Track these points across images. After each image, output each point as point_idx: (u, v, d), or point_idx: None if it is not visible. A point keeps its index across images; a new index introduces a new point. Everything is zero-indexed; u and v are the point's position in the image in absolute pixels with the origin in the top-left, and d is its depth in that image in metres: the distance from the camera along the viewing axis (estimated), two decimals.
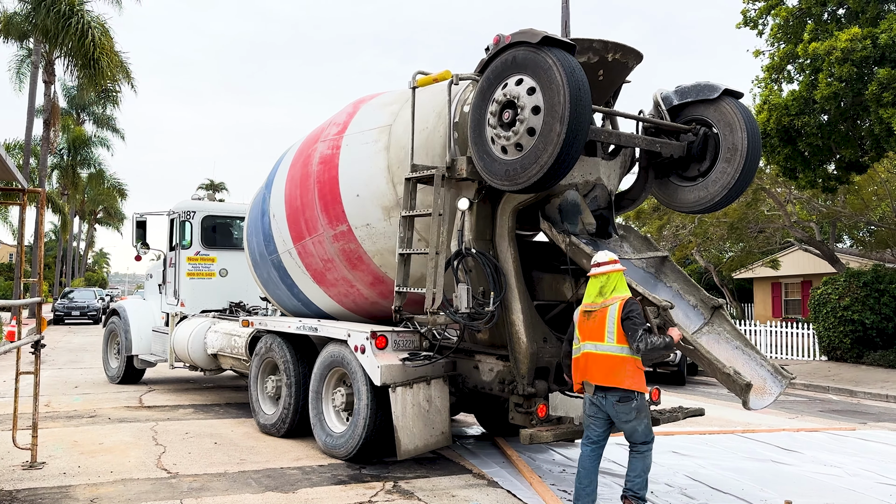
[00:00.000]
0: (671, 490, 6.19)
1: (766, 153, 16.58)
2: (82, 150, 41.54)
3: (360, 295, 7.57)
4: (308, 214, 7.54)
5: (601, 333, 5.03)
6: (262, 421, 8.12)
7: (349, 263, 7.31)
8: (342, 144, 7.23)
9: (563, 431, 5.72)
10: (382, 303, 7.43)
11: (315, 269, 7.75)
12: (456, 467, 6.77)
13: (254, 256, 8.99)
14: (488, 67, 5.64)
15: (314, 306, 8.23)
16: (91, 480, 6.07)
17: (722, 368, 5.24)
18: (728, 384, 5.27)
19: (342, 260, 7.33)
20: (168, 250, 11.68)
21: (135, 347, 11.59)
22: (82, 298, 33.12)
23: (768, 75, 17.30)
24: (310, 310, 8.35)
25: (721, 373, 5.25)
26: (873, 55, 14.24)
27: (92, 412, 9.25)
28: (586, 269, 5.52)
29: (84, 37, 23.00)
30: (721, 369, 5.24)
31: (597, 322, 5.07)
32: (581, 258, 5.71)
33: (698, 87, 6.36)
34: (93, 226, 60.40)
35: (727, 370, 5.23)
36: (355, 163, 7.03)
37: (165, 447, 7.33)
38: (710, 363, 5.30)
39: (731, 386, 5.25)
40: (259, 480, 6.16)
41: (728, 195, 6.24)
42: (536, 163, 5.22)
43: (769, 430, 9.40)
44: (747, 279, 32.38)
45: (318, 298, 8.06)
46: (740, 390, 5.20)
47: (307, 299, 8.23)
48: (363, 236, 7.03)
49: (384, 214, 6.79)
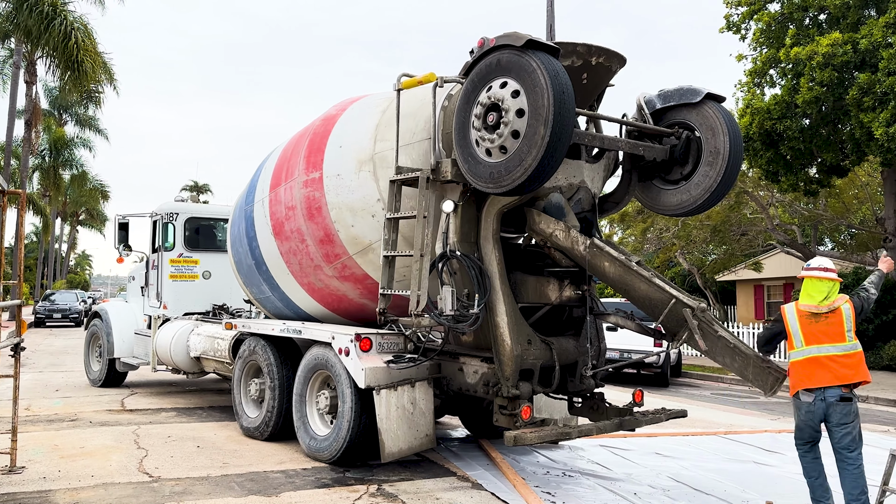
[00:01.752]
0: (654, 491, 6.22)
1: (748, 157, 16.74)
2: (64, 152, 41.15)
3: (308, 254, 7.43)
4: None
5: (841, 334, 5.14)
6: (245, 424, 8.07)
7: (307, 212, 7.26)
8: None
9: (547, 433, 5.73)
10: (327, 270, 7.32)
11: (277, 220, 7.77)
12: (440, 470, 6.76)
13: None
14: (473, 70, 5.65)
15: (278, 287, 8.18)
16: (71, 485, 6.01)
17: (760, 362, 5.26)
18: (760, 377, 5.24)
19: (303, 208, 7.30)
20: (151, 252, 11.60)
21: (117, 350, 11.48)
22: (64, 301, 32.84)
23: (751, 79, 17.47)
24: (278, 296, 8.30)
25: (756, 366, 5.24)
26: (854, 60, 14.42)
27: (73, 416, 9.15)
28: (603, 272, 5.69)
29: (67, 38, 22.80)
30: (759, 362, 5.26)
31: (832, 324, 5.16)
32: (602, 261, 5.75)
33: (681, 91, 6.40)
34: (75, 227, 59.87)
35: (765, 363, 5.25)
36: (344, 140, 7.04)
37: (147, 451, 7.27)
38: (745, 357, 5.29)
39: (763, 378, 5.22)
40: (242, 484, 6.12)
41: (710, 198, 6.28)
42: (521, 165, 5.24)
43: (751, 431, 9.47)
44: (730, 281, 32.60)
45: (273, 257, 8.01)
46: (774, 381, 5.18)
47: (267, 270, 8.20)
48: (330, 186, 7.01)
49: (356, 167, 6.80)
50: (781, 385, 5.25)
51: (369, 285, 7.13)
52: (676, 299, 5.47)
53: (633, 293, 5.74)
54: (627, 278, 5.73)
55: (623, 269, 5.73)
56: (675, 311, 5.50)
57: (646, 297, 5.67)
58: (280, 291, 8.19)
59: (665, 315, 5.54)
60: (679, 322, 5.54)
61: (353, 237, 6.96)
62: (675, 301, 5.46)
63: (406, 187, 6.32)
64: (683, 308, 5.44)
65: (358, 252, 7.00)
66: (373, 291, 7.03)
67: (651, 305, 5.67)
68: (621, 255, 5.81)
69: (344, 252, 7.07)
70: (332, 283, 7.41)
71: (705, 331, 5.41)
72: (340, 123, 7.26)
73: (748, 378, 5.35)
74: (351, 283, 7.28)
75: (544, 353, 6.09)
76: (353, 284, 7.28)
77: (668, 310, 5.52)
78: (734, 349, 5.36)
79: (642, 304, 5.75)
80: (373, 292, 7.03)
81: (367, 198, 6.75)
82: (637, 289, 5.70)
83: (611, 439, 8.28)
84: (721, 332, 5.41)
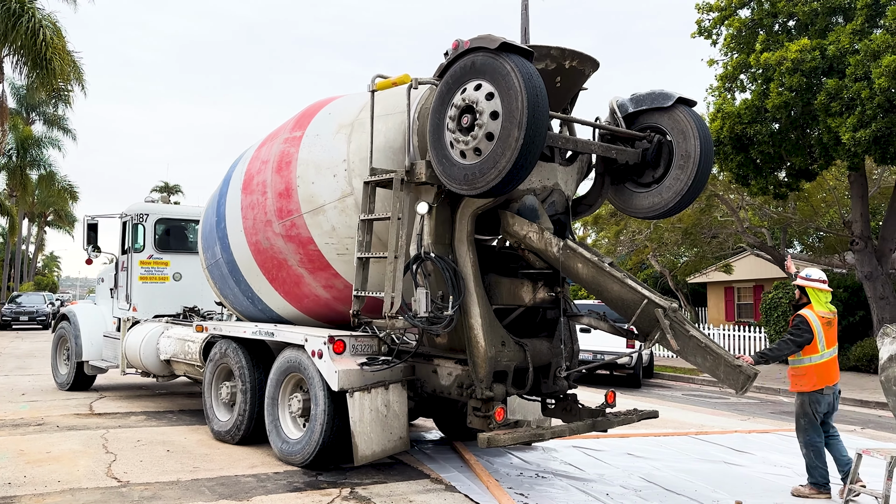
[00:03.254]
0: (626, 492, 6.27)
1: (719, 160, 16.95)
2: (32, 151, 40.41)
3: (265, 208, 7.42)
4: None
5: (836, 339, 6.32)
6: (216, 428, 7.98)
7: (277, 166, 7.32)
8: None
9: (520, 435, 5.74)
10: (276, 226, 7.28)
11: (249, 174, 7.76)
12: (414, 472, 6.75)
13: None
14: (447, 72, 5.66)
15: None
16: (37, 490, 5.89)
17: (732, 361, 5.33)
18: (732, 376, 5.32)
19: (275, 162, 7.37)
20: (120, 254, 11.42)
21: (85, 353, 11.29)
22: (31, 303, 32.29)
23: (722, 84, 17.69)
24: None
25: (727, 364, 5.32)
26: (822, 66, 14.67)
27: (39, 420, 8.98)
28: (577, 273, 5.76)
29: (35, 36, 22.39)
30: (731, 361, 5.33)
31: (834, 330, 6.30)
32: (576, 262, 5.77)
33: (653, 95, 6.46)
34: (43, 228, 58.78)
35: (737, 362, 5.32)
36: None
37: (116, 455, 7.16)
38: (716, 356, 5.37)
39: (734, 377, 5.30)
40: (213, 488, 6.05)
41: (681, 201, 6.35)
42: (495, 167, 5.25)
43: (722, 431, 9.58)
44: (701, 283, 32.98)
45: (234, 213, 7.97)
46: (746, 380, 5.27)
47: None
48: (306, 144, 7.12)
49: (336, 129, 6.93)
50: (752, 385, 5.34)
51: (311, 253, 7.07)
52: (648, 300, 5.53)
53: (606, 294, 5.78)
54: (600, 279, 5.76)
55: (596, 270, 5.77)
56: (648, 312, 5.56)
57: (618, 297, 5.71)
58: (229, 252, 8.15)
59: (637, 315, 5.59)
60: (651, 322, 5.59)
61: (310, 195, 6.91)
62: (648, 301, 5.52)
63: (380, 189, 6.32)
64: (655, 308, 5.50)
65: (309, 211, 6.94)
66: (313, 262, 7.05)
67: (624, 306, 5.71)
68: (594, 257, 5.85)
69: (297, 209, 7.04)
70: (277, 242, 7.33)
71: (677, 330, 5.47)
72: (338, 101, 7.41)
73: (719, 377, 5.41)
74: (294, 245, 7.18)
75: (518, 354, 6.11)
76: (295, 247, 7.19)
77: (641, 310, 5.56)
78: (705, 349, 5.42)
79: (615, 305, 5.79)
80: (313, 262, 7.06)
81: (335, 158, 6.78)
82: (610, 290, 5.74)
83: (584, 440, 8.33)
84: (692, 332, 5.47)
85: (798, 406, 6.36)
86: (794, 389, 6.37)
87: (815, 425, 6.28)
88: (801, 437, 6.36)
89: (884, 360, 5.51)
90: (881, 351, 5.57)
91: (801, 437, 6.35)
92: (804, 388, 6.26)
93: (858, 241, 17.57)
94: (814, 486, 6.29)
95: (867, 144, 13.87)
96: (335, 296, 7.28)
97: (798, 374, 6.29)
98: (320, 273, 7.16)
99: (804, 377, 6.26)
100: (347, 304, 6.95)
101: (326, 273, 7.11)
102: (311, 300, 7.53)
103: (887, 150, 14.11)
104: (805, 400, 6.28)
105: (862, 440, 9.48)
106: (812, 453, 6.29)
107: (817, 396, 6.23)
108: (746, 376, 5.26)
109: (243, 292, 8.26)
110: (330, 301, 7.39)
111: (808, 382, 6.25)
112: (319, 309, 7.60)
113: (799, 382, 6.30)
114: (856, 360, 17.50)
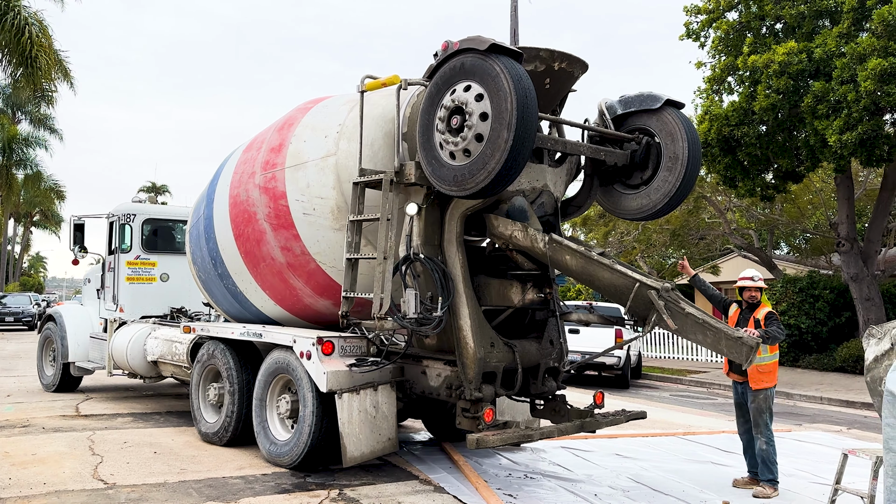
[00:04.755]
0: (614, 492, 6.28)
1: (706, 162, 17.05)
2: (18, 151, 40.07)
3: (254, 162, 7.52)
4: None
5: None
6: (203, 429, 7.94)
7: (280, 125, 7.49)
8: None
9: (509, 436, 5.74)
10: (257, 177, 7.35)
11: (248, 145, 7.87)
12: (403, 473, 6.74)
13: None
14: (437, 73, 5.66)
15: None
16: (23, 493, 5.84)
17: (732, 333, 5.24)
18: (734, 348, 5.24)
19: (277, 125, 7.54)
20: (107, 254, 11.35)
21: (71, 354, 11.20)
22: (16, 304, 32.02)
23: (710, 86, 17.79)
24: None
25: (728, 338, 5.24)
26: (809, 69, 14.78)
27: (25, 422, 8.91)
28: (566, 266, 5.73)
29: (20, 34, 22.21)
30: (731, 334, 5.24)
31: None
32: (563, 255, 5.75)
33: (641, 97, 6.49)
34: (29, 228, 58.33)
35: (737, 334, 5.24)
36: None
37: (103, 457, 7.11)
38: (716, 331, 5.28)
39: (737, 349, 5.23)
40: (200, 490, 6.02)
41: (669, 203, 6.37)
42: (484, 168, 5.26)
43: (709, 432, 9.63)
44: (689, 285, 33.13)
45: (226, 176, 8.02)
46: (749, 350, 5.19)
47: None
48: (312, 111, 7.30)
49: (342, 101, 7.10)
50: (756, 355, 5.25)
51: (280, 210, 7.07)
52: (640, 283, 5.44)
53: (598, 283, 5.72)
54: (590, 269, 5.72)
55: (585, 260, 5.72)
56: (641, 295, 5.45)
57: (610, 284, 5.65)
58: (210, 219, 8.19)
59: (632, 299, 5.48)
60: (647, 305, 5.48)
61: (298, 151, 6.98)
62: (640, 284, 5.43)
63: (370, 189, 6.31)
64: (648, 290, 5.41)
65: (292, 166, 6.99)
66: (279, 217, 7.07)
67: (617, 292, 5.63)
68: (581, 247, 5.83)
69: (282, 163, 7.12)
70: (253, 194, 7.37)
71: (673, 310, 5.37)
72: (343, 95, 7.54)
73: (722, 351, 5.31)
74: (267, 197, 7.21)
75: (507, 355, 6.11)
76: (267, 200, 7.21)
77: (634, 294, 5.46)
78: (704, 324, 5.30)
79: (608, 292, 5.74)
80: (279, 218, 7.08)
81: (331, 122, 6.90)
82: (601, 278, 5.68)
83: (572, 441, 8.35)
84: (688, 310, 5.35)
85: (762, 401, 6.52)
86: (760, 386, 6.52)
87: (772, 419, 6.60)
88: (762, 433, 6.49)
89: (869, 361, 5.54)
90: (867, 352, 5.60)
91: (763, 433, 6.49)
92: (769, 384, 6.53)
93: (844, 243, 17.71)
94: (772, 483, 6.43)
95: (853, 147, 13.99)
96: (290, 262, 7.22)
97: (766, 370, 6.51)
98: (282, 231, 7.14)
99: (771, 373, 6.55)
100: (301, 277, 7.09)
101: (287, 233, 7.09)
102: (268, 264, 7.48)
103: (873, 152, 14.24)
104: (767, 395, 6.52)
105: (848, 440, 9.56)
106: (771, 449, 6.48)
107: (773, 392, 6.60)
108: (749, 347, 5.16)
109: (210, 254, 8.32)
110: (284, 269, 7.32)
111: (773, 378, 6.57)
112: (274, 279, 7.52)
113: (765, 379, 6.52)
114: (842, 360, 17.62)
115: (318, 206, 6.80)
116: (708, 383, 16.62)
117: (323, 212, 6.79)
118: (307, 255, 7.04)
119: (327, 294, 7.24)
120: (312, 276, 7.16)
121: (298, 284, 7.34)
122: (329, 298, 7.26)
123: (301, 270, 7.20)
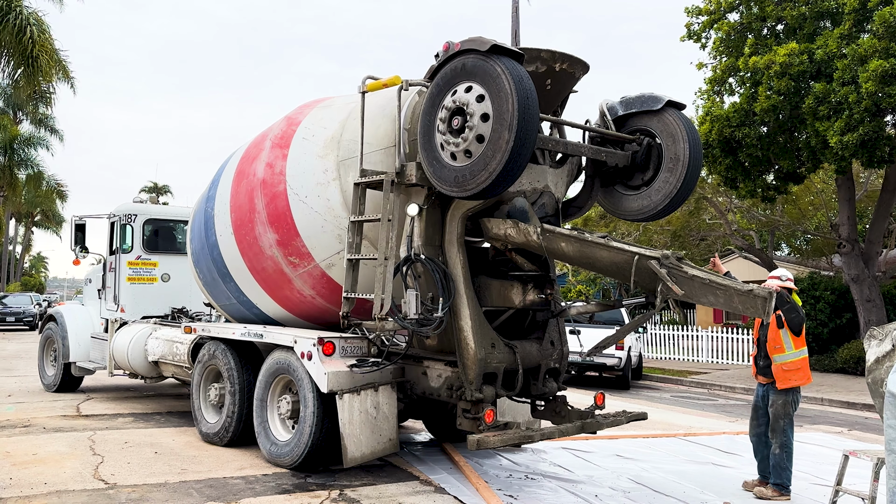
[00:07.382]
0: (615, 493, 6.28)
1: (707, 163, 17.04)
2: (20, 151, 40.10)
3: (257, 145, 7.61)
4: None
5: None
6: (204, 430, 7.95)
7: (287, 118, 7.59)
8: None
9: (510, 437, 5.74)
10: (265, 153, 7.40)
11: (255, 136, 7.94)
12: (403, 474, 6.74)
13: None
14: (438, 74, 5.66)
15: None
16: (23, 493, 5.84)
17: (742, 288, 5.05)
18: (748, 303, 5.03)
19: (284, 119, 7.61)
20: (108, 254, 11.35)
21: (72, 354, 11.21)
22: (17, 304, 32.04)
23: (710, 87, 17.79)
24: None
25: (739, 294, 5.03)
26: (810, 70, 14.78)
27: (26, 422, 8.91)
28: (563, 252, 5.68)
29: (21, 34, 22.24)
30: (741, 289, 5.05)
31: None
32: (558, 242, 5.72)
33: (642, 98, 6.49)
34: (30, 229, 58.37)
35: (747, 287, 5.04)
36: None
37: (103, 457, 7.11)
38: (726, 289, 5.09)
39: (751, 303, 5.01)
40: (201, 490, 6.03)
41: (670, 204, 6.37)
42: (485, 169, 5.26)
43: (710, 433, 9.62)
44: None
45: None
46: (763, 302, 4.97)
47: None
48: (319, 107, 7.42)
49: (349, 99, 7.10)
50: (772, 306, 5.00)
51: (281, 210, 7.07)
52: (639, 255, 5.35)
53: (598, 264, 5.66)
54: (587, 251, 5.65)
55: (580, 243, 5.66)
56: (643, 267, 5.33)
57: (611, 263, 5.57)
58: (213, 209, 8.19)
59: (635, 273, 5.35)
60: (651, 276, 5.35)
61: (298, 152, 7.08)
62: (639, 256, 5.34)
63: (371, 190, 6.31)
64: (649, 261, 5.31)
65: (293, 166, 7.08)
66: (280, 219, 7.07)
67: (619, 270, 5.55)
68: (574, 232, 5.81)
69: (283, 163, 7.18)
70: (254, 194, 7.38)
71: (676, 276, 5.24)
72: (343, 96, 7.61)
73: (737, 309, 5.13)
74: (268, 198, 7.25)
75: (508, 356, 6.11)
76: (268, 200, 7.23)
77: (636, 267, 5.33)
78: (711, 285, 5.16)
79: (611, 272, 5.67)
80: (279, 218, 7.08)
81: (332, 122, 7.04)
82: (600, 258, 5.60)
83: (573, 442, 8.35)
84: (693, 272, 5.23)
85: (780, 406, 6.32)
86: (786, 385, 6.27)
87: (792, 425, 6.34)
88: (778, 437, 6.32)
89: (870, 363, 5.53)
90: (868, 353, 5.59)
91: (778, 438, 6.31)
92: (798, 382, 6.26)
93: (845, 244, 17.70)
94: (777, 487, 6.30)
95: (854, 148, 13.98)
96: (291, 262, 7.20)
97: (792, 367, 6.24)
98: (283, 231, 7.14)
99: (799, 371, 6.25)
100: (302, 277, 7.14)
101: (288, 233, 7.09)
102: (269, 265, 7.46)
103: (874, 153, 14.24)
104: (789, 399, 6.30)
105: (849, 442, 9.55)
106: (785, 455, 6.29)
107: (798, 395, 6.32)
108: (762, 298, 4.93)
109: (211, 254, 8.30)
110: (285, 269, 7.28)
111: (802, 376, 6.25)
112: (275, 279, 7.49)
113: (792, 377, 6.26)
114: (843, 362, 17.61)
115: (318, 206, 6.81)
116: (709, 384, 16.61)
117: (324, 212, 6.80)
118: (308, 256, 7.05)
119: (328, 295, 7.25)
120: (313, 276, 7.17)
121: (299, 285, 7.35)
122: (330, 299, 7.27)
123: (302, 271, 7.20)
